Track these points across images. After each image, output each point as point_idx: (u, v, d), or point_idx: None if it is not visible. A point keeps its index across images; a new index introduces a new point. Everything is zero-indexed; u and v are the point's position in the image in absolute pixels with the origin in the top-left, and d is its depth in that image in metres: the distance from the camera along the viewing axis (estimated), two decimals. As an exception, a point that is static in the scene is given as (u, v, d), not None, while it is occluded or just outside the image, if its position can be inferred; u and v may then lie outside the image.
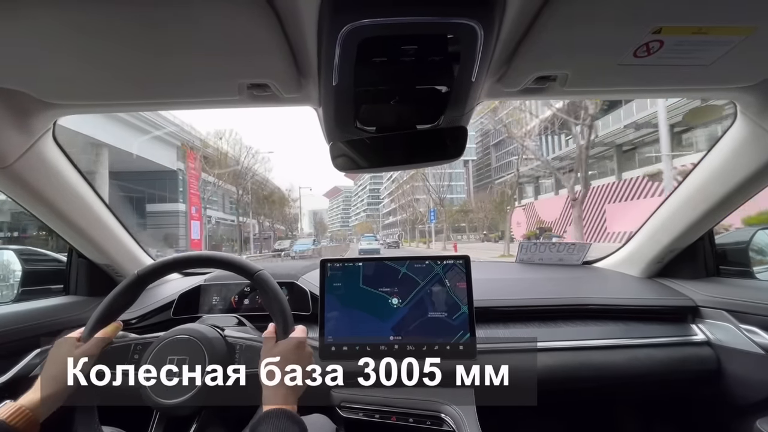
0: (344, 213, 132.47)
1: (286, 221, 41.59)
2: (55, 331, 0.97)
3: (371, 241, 29.98)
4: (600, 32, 0.50)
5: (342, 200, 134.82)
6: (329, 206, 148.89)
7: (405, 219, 47.14)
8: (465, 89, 0.58)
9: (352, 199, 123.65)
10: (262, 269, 0.73)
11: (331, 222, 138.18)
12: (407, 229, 48.43)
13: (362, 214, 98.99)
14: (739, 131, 0.83)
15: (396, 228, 57.85)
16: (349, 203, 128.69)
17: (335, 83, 0.55)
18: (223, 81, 0.60)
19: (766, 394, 0.92)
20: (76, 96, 0.66)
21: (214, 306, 1.13)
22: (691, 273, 1.14)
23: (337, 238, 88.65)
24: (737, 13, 0.47)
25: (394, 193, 57.89)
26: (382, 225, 73.51)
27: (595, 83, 0.64)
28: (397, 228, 56.98)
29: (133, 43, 0.51)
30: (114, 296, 0.71)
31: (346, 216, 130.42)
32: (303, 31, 0.50)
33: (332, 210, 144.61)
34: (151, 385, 0.64)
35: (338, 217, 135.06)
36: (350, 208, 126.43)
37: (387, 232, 64.17)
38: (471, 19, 0.44)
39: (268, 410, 0.56)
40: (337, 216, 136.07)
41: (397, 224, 56.73)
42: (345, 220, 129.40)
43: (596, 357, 0.96)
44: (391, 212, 67.56)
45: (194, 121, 29.09)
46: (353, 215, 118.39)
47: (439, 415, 0.82)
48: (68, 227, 0.97)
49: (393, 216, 64.27)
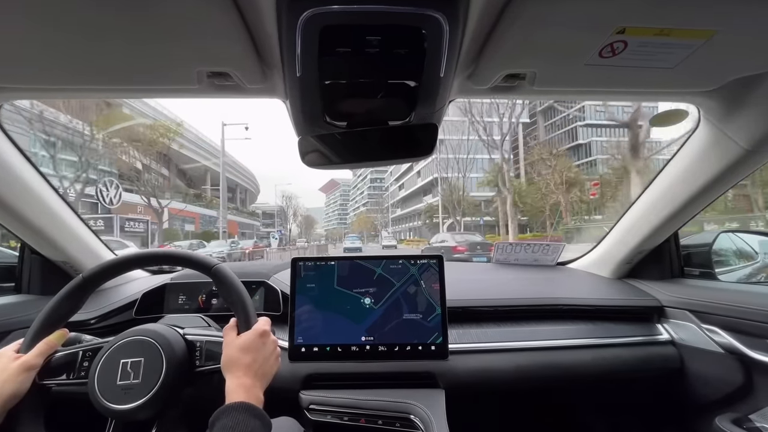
0: (341, 209, 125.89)
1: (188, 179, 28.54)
2: (5, 332, 0.91)
3: (354, 240, 31.76)
4: (565, 31, 0.50)
5: (340, 194, 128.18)
6: (326, 202, 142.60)
7: (427, 208, 37.71)
8: (434, 85, 0.57)
9: (351, 192, 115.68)
10: (219, 263, 0.70)
11: (327, 220, 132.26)
12: (425, 221, 39.01)
13: (361, 209, 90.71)
14: (702, 136, 0.85)
15: (414, 221, 48.94)
16: (347, 197, 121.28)
17: (299, 74, 0.53)
18: (179, 67, 0.57)
19: (726, 391, 0.95)
20: (22, 80, 0.62)
21: (180, 306, 1.08)
22: (658, 274, 1.18)
23: (332, 237, 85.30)
24: (698, 16, 0.48)
25: (405, 176, 50.69)
26: (390, 219, 62.66)
27: (563, 83, 0.65)
28: (416, 221, 47.58)
29: (81, 25, 0.48)
30: (57, 302, 0.66)
31: (344, 212, 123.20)
32: (262, 17, 0.48)
33: (329, 206, 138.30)
34: (102, 392, 0.59)
35: (335, 214, 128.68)
36: (348, 204, 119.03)
37: (398, 229, 56.29)
38: (436, 11, 0.44)
39: (228, 404, 0.53)
40: (334, 213, 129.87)
41: (416, 215, 46.89)
42: (342, 216, 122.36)
43: (565, 357, 0.97)
44: (402, 201, 56.26)
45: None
46: (351, 210, 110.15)
47: (408, 417, 0.81)
48: (19, 222, 0.91)
49: (404, 207, 55.33)
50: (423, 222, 40.40)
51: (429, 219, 36.74)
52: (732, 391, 0.93)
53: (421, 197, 44.52)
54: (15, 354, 0.61)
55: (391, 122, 0.70)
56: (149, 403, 0.59)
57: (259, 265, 1.22)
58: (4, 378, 0.57)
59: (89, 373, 0.62)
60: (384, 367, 0.90)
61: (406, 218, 55.35)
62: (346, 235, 47.78)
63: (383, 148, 0.73)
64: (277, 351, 0.67)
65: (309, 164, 0.75)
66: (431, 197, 38.55)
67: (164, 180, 24.42)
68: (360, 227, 74.39)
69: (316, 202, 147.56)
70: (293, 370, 0.89)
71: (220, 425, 0.50)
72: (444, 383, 0.89)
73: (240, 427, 0.49)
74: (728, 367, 0.92)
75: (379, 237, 52.77)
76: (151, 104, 19.13)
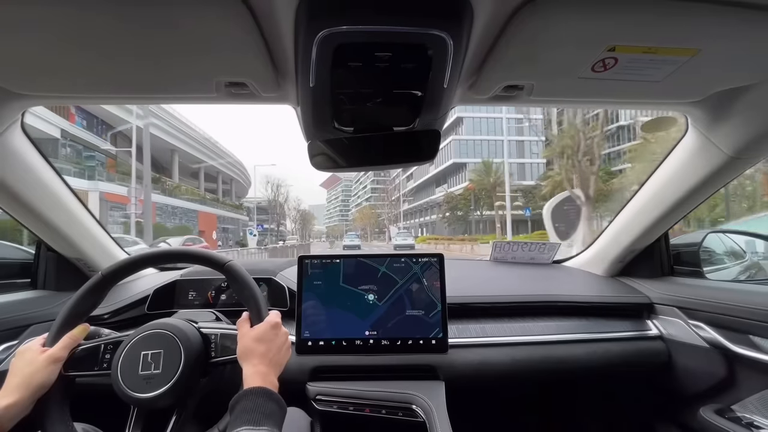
0: (343, 205, 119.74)
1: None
2: (23, 326, 0.95)
3: (353, 238, 32.28)
4: (561, 48, 0.55)
5: (342, 190, 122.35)
6: (327, 198, 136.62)
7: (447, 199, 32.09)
8: (438, 95, 0.61)
9: (353, 186, 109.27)
10: (232, 260, 0.74)
11: (329, 216, 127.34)
12: (446, 215, 33.32)
13: (364, 204, 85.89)
14: (690, 142, 0.90)
15: (427, 216, 42.07)
16: (349, 192, 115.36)
17: (312, 84, 0.57)
18: (200, 79, 0.60)
19: (710, 383, 1.00)
20: (46, 88, 0.65)
21: (190, 301, 1.12)
22: (649, 272, 1.23)
23: (333, 234, 79.38)
24: (682, 36, 0.52)
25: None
26: (402, 213, 52.56)
27: (558, 94, 0.69)
28: (428, 215, 40.98)
29: (106, 38, 0.51)
30: (78, 298, 0.70)
31: (346, 208, 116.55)
32: (280, 33, 0.51)
33: (330, 202, 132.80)
34: (125, 381, 0.64)
35: (336, 210, 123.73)
36: (350, 199, 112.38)
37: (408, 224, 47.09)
38: (441, 31, 0.47)
39: (247, 388, 0.56)
40: (336, 209, 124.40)
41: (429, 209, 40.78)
42: (344, 212, 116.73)
43: (559, 351, 1.02)
44: (417, 189, 46.87)
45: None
46: (353, 206, 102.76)
47: (410, 407, 0.86)
48: (37, 220, 0.94)
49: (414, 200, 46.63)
50: (443, 215, 34.84)
51: (450, 212, 32.06)
52: (716, 384, 0.98)
53: (434, 188, 40.27)
54: (41, 347, 0.65)
55: (396, 128, 0.74)
56: (170, 391, 0.63)
57: (266, 262, 1.26)
58: (33, 369, 0.61)
59: (112, 364, 0.66)
60: (387, 360, 0.94)
61: (416, 212, 48.04)
62: (346, 233, 46.77)
63: (388, 152, 0.77)
64: (289, 341, 0.70)
65: (317, 167, 0.79)
66: (446, 187, 34.73)
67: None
68: (363, 222, 69.58)
69: (317, 199, 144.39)
70: (300, 362, 0.94)
71: (240, 407, 0.54)
72: (444, 375, 0.94)
73: (260, 409, 0.53)
74: (712, 361, 0.97)
75: (386, 234, 46.32)
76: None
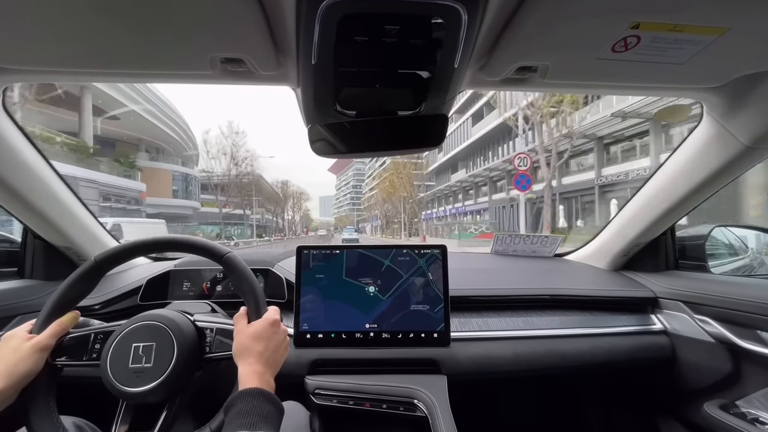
0: (355, 190, 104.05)
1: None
2: (9, 316, 0.91)
3: (351, 232, 31.87)
4: (580, 25, 0.51)
5: (353, 174, 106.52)
6: (336, 184, 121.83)
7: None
8: (447, 76, 0.58)
9: (367, 168, 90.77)
10: (231, 251, 0.71)
11: (338, 206, 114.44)
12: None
13: (376, 190, 63.07)
14: (704, 132, 0.87)
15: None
16: (361, 176, 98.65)
17: (314, 62, 0.53)
18: (194, 53, 0.56)
19: (715, 378, 0.99)
20: (29, 61, 0.60)
21: (184, 292, 1.09)
22: (653, 266, 1.21)
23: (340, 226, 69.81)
24: (712, 13, 0.49)
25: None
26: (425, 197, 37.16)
27: (574, 76, 0.65)
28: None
29: (94, 6, 0.47)
30: (69, 284, 0.67)
31: (357, 193, 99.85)
32: (281, 3, 0.47)
33: (340, 189, 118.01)
34: (114, 374, 0.61)
35: (347, 197, 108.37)
36: (362, 183, 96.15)
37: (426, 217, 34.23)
38: (456, 2, 0.44)
39: (243, 390, 0.54)
40: (346, 196, 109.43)
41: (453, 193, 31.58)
42: (356, 198, 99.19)
43: (562, 345, 1.00)
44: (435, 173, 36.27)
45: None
46: (367, 190, 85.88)
47: (412, 401, 0.83)
48: (22, 206, 0.90)
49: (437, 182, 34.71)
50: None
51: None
52: (721, 379, 0.97)
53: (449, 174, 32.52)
54: (28, 335, 0.61)
55: (400, 112, 0.70)
56: (161, 386, 0.60)
57: (263, 253, 1.23)
58: (18, 357, 0.58)
59: (101, 356, 0.62)
60: (388, 353, 0.92)
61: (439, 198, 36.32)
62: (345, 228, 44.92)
63: (392, 137, 0.73)
64: (287, 340, 0.67)
65: (318, 152, 0.75)
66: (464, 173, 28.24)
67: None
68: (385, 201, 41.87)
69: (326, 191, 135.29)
70: (299, 355, 0.91)
71: (235, 410, 0.51)
72: (446, 369, 0.92)
73: (256, 412, 0.50)
74: (718, 356, 0.96)
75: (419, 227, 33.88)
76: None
